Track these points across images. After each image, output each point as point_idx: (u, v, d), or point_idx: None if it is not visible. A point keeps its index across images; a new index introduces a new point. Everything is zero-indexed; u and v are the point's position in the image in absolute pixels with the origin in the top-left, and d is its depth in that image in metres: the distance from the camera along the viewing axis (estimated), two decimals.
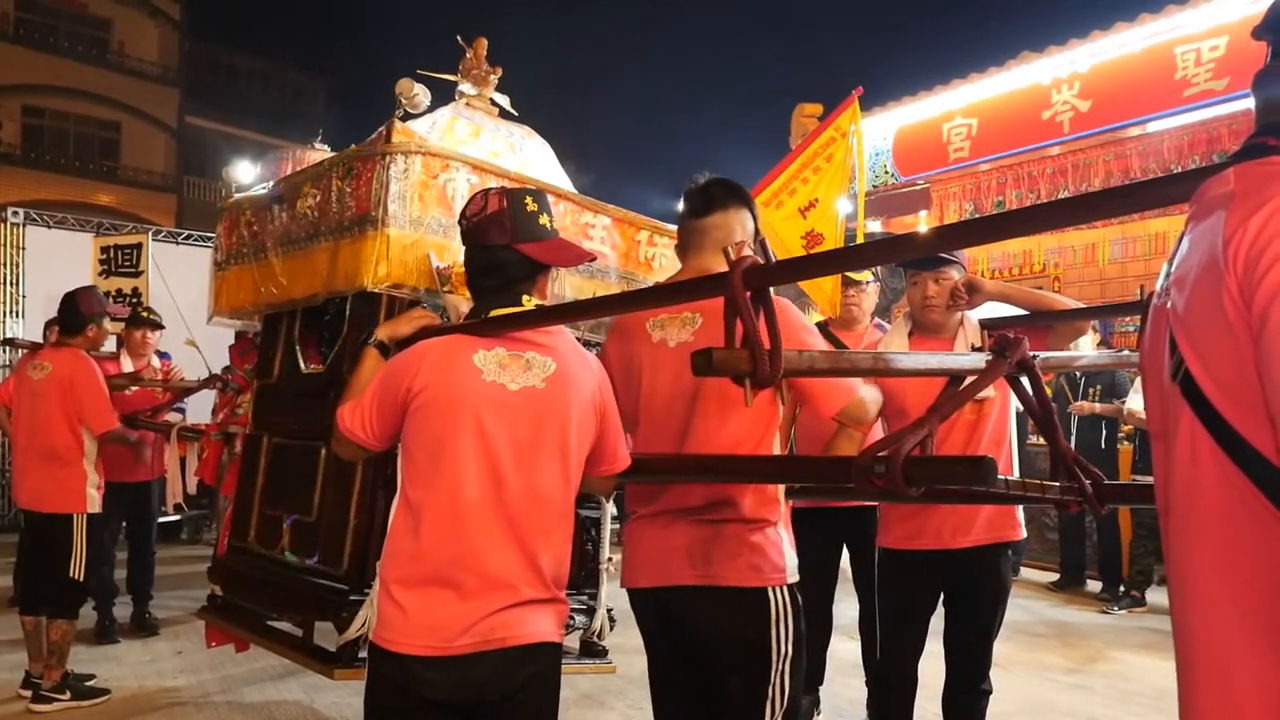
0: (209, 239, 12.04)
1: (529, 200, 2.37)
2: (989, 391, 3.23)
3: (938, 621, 3.55)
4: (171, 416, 6.22)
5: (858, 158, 4.54)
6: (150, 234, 10.36)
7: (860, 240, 4.61)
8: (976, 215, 10.48)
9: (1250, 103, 1.36)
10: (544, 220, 2.38)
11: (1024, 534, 3.47)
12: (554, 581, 2.28)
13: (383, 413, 2.27)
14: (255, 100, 33.17)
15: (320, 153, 10.67)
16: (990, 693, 3.48)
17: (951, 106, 10.58)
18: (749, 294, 1.75)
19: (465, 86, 4.42)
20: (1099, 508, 2.07)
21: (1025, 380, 2.13)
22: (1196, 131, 8.55)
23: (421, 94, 3.87)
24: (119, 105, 28.43)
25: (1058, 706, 5.07)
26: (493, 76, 4.48)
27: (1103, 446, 7.49)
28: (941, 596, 3.53)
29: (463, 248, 3.49)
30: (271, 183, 4.27)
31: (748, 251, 2.26)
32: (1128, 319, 8.81)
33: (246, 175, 4.98)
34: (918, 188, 10.96)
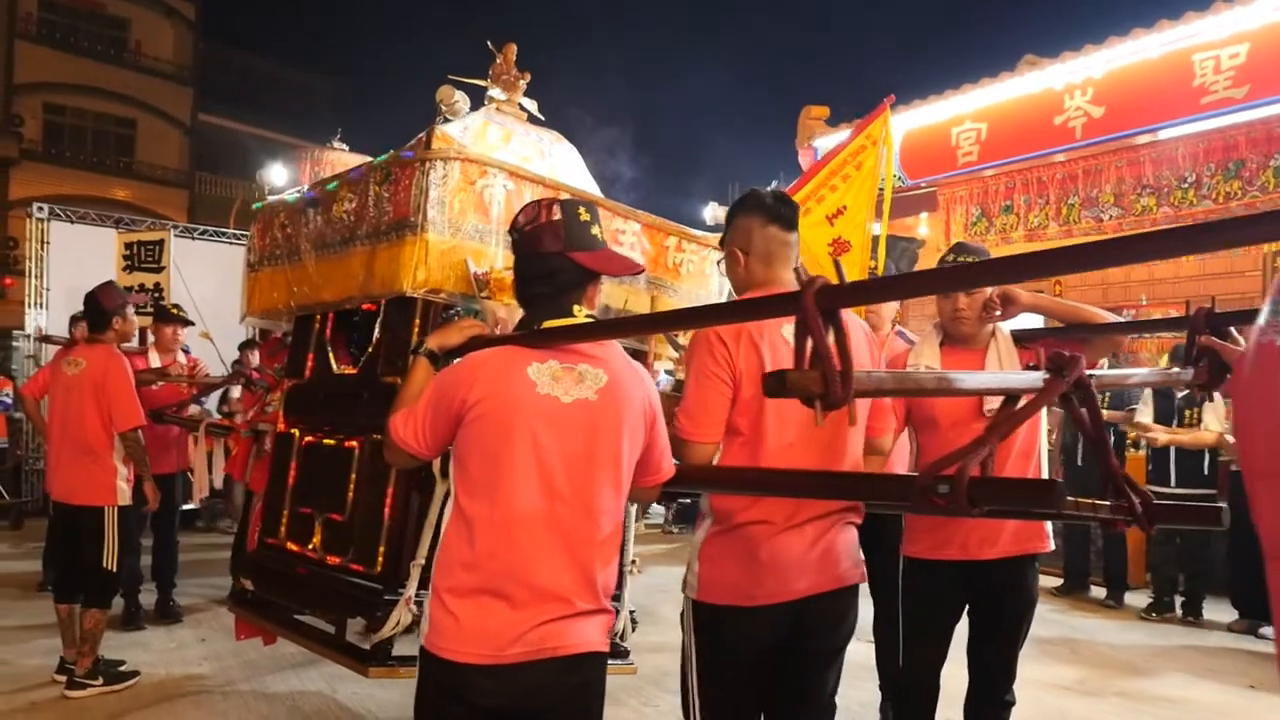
0: (223, 234, 12.26)
1: (582, 210, 2.42)
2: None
3: (960, 628, 3.53)
4: (194, 410, 6.31)
5: (886, 166, 4.57)
6: (171, 230, 10.47)
7: (882, 248, 4.65)
8: (983, 220, 10.47)
9: (1271, 110, 1.35)
10: (595, 231, 2.42)
11: (1051, 546, 3.45)
12: (604, 591, 2.32)
13: (436, 423, 2.29)
14: (267, 99, 33.40)
15: (339, 152, 10.79)
16: (1013, 704, 3.45)
17: (961, 110, 10.49)
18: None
19: (495, 91, 4.46)
20: (1149, 527, 2.07)
21: (1079, 399, 2.11)
22: (1213, 139, 8.47)
23: (461, 100, 3.93)
24: (135, 103, 28.95)
25: (1070, 714, 5.07)
26: (522, 81, 4.53)
27: None
28: (966, 607, 3.50)
29: (499, 254, 3.65)
30: (306, 186, 4.33)
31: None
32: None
33: (279, 178, 5.04)
34: (923, 191, 10.89)
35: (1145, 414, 7.24)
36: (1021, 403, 2.08)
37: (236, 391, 7.54)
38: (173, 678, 5.30)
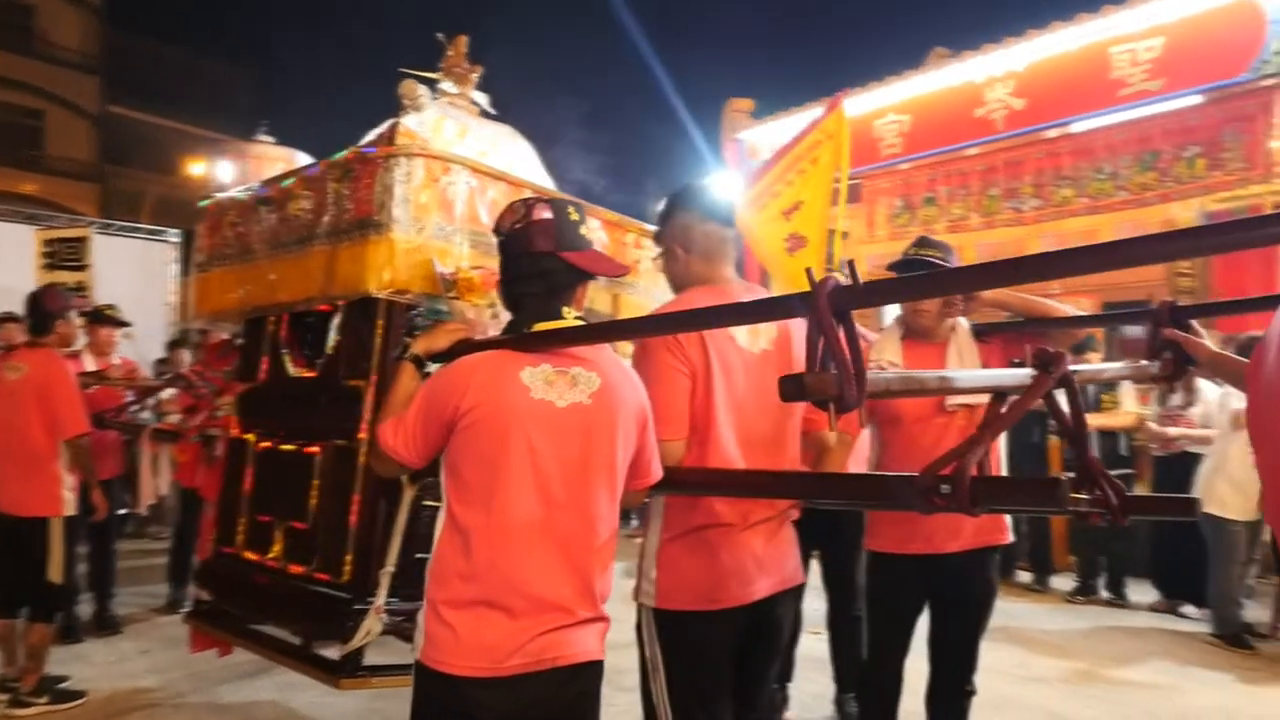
0: (139, 230, 11.92)
1: (572, 210, 2.38)
2: (983, 397, 3.29)
3: (920, 620, 3.58)
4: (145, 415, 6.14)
5: (843, 161, 4.58)
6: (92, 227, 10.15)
7: (838, 243, 4.66)
8: (906, 212, 10.61)
9: (1185, 102, 1.40)
10: (584, 231, 2.39)
11: (1012, 538, 3.51)
12: (601, 599, 2.29)
13: (428, 431, 2.24)
14: (180, 90, 32.46)
15: (264, 145, 10.56)
16: (974, 694, 3.50)
17: (884, 103, 10.63)
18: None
19: (447, 85, 4.36)
20: (1122, 520, 2.13)
21: (1063, 394, 2.14)
22: (1129, 131, 8.70)
23: (425, 96, 3.84)
24: (42, 93, 28.08)
25: (1017, 701, 5.14)
26: (474, 75, 4.45)
27: (1034, 441, 7.66)
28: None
29: (464, 253, 3.57)
30: (259, 183, 4.20)
31: None
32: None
33: (198, 170, 4.91)
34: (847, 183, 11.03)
35: None
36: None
37: (167, 393, 7.33)
38: (119, 692, 5.12)
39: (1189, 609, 7.07)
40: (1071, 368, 2.17)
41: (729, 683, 2.66)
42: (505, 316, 3.47)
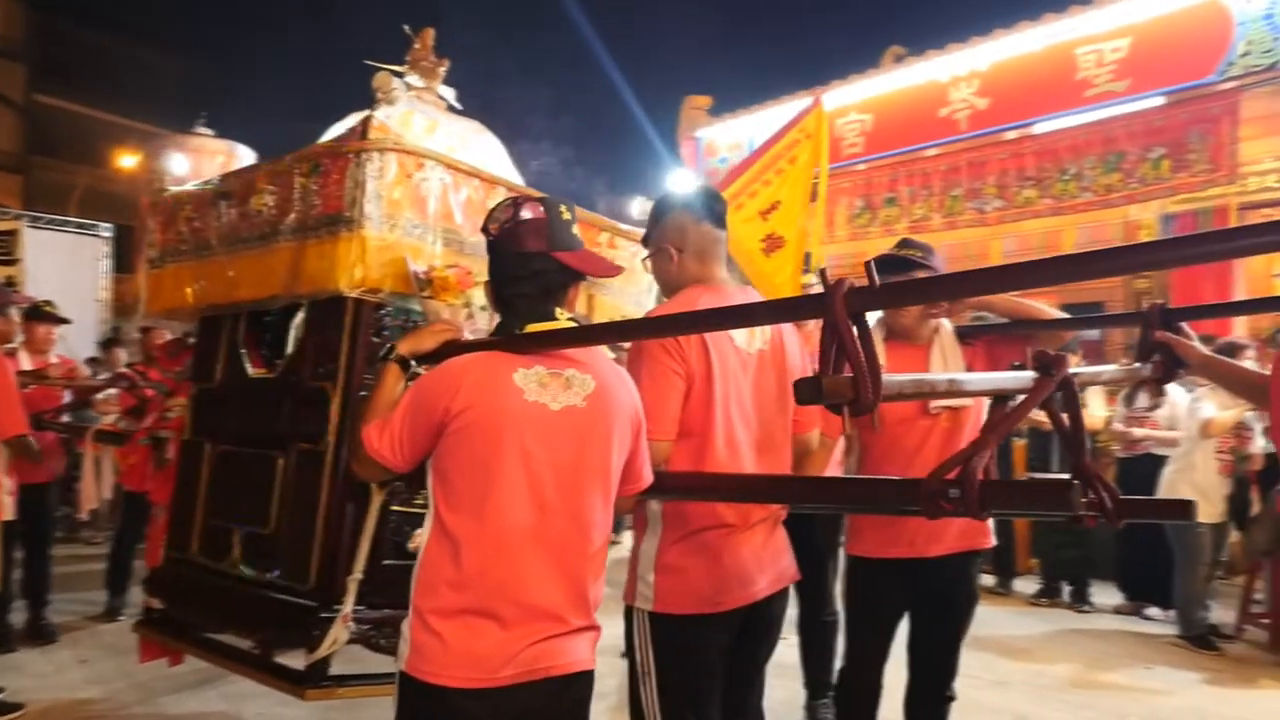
0: (68, 223, 11.58)
1: (564, 208, 2.34)
2: (966, 400, 3.29)
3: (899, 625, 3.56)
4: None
5: (822, 161, 4.56)
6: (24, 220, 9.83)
7: (816, 243, 4.64)
8: (867, 212, 10.64)
9: (1151, 103, 1.40)
10: (575, 230, 2.34)
11: (994, 541, 3.50)
12: (593, 606, 2.25)
13: (415, 434, 2.18)
14: (111, 80, 31.54)
15: (204, 138, 10.30)
16: (954, 699, 3.49)
17: (846, 102, 10.62)
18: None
19: (413, 78, 4.27)
20: (1116, 522, 2.12)
21: (1062, 397, 2.14)
22: (1094, 132, 8.78)
23: (399, 89, 3.74)
24: None
25: (985, 705, 5.16)
26: (441, 69, 4.35)
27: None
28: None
29: (437, 251, 3.48)
30: (217, 177, 4.06)
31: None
32: None
33: (179, 166, 4.74)
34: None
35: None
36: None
37: (107, 393, 7.10)
38: (59, 704, 4.93)
39: (1153, 611, 7.18)
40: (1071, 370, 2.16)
41: (720, 686, 2.63)
42: (480, 316, 3.42)
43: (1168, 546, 6.54)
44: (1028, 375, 2.10)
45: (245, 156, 9.13)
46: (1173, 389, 6.77)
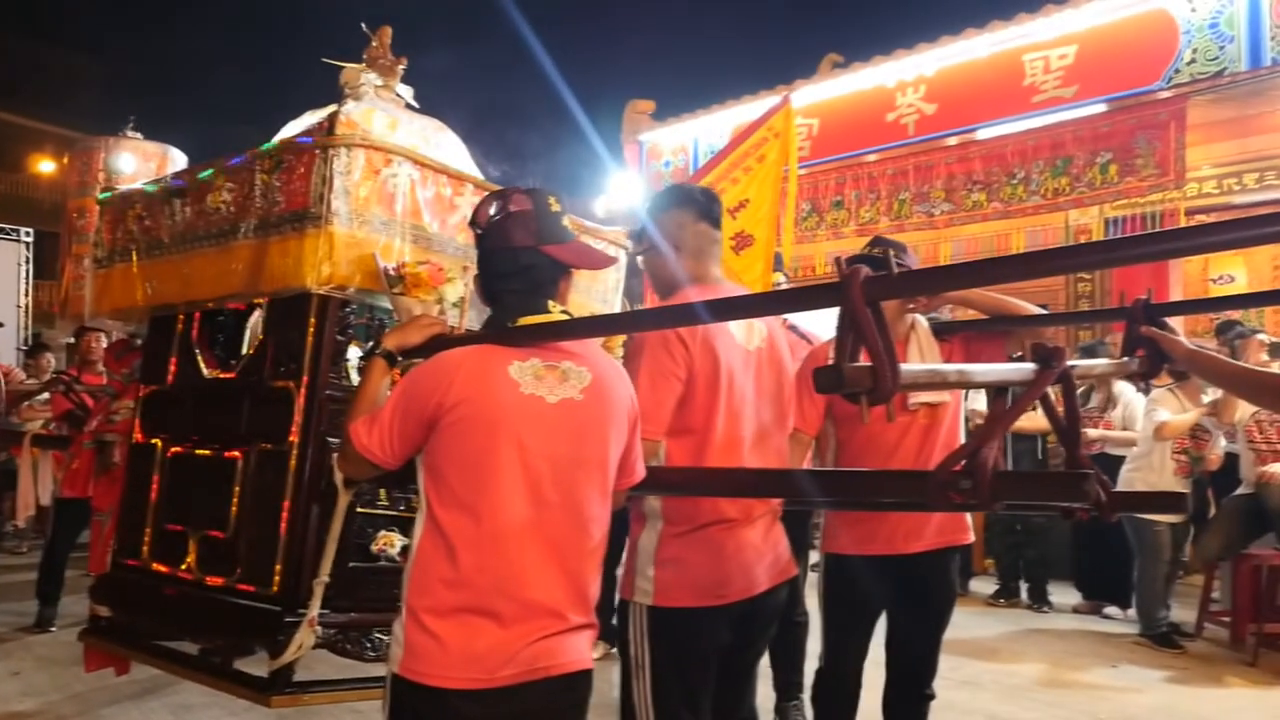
0: None
1: (552, 200, 2.29)
2: (944, 396, 3.31)
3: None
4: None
5: (791, 159, 4.57)
6: None
7: (788, 243, 4.65)
8: (814, 215, 10.70)
9: (1098, 109, 1.43)
10: (566, 222, 2.31)
11: (972, 537, 3.50)
12: (592, 603, 2.21)
13: (406, 429, 2.12)
14: (29, 84, 30.64)
15: (134, 141, 10.05)
16: (934, 697, 3.48)
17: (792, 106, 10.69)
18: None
19: (371, 76, 4.20)
20: (1109, 516, 2.15)
21: (1060, 390, 2.16)
22: (1042, 137, 8.88)
23: (367, 85, 3.67)
24: None
25: (954, 705, 5.14)
26: (399, 67, 4.29)
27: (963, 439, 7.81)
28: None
29: (405, 248, 3.43)
30: (169, 175, 3.95)
31: None
32: None
33: (128, 165, 4.61)
34: None
35: (978, 400, 7.60)
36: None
37: (40, 397, 6.89)
38: None
39: (1112, 610, 7.29)
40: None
41: (713, 683, 2.62)
42: (451, 313, 3.38)
43: (1124, 546, 6.64)
44: (1029, 367, 2.11)
45: (179, 159, 8.91)
46: (1125, 388, 6.92)
